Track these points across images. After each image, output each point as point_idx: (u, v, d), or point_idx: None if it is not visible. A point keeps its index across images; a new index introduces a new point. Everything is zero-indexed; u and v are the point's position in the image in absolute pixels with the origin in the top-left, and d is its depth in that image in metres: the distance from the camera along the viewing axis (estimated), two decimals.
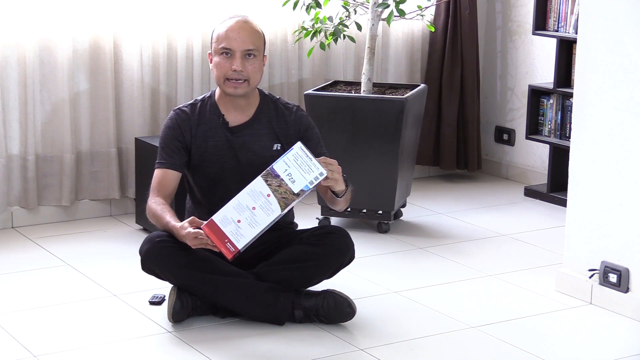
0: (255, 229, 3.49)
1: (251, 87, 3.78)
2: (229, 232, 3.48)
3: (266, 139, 3.83)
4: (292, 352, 3.52)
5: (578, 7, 5.15)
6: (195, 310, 3.75)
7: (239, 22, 3.79)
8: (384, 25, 5.59)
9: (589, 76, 3.94)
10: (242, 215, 3.48)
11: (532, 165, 5.89)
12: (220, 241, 3.48)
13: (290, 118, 3.86)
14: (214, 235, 3.47)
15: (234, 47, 3.74)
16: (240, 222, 3.48)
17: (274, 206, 3.48)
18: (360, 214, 4.91)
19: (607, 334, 3.75)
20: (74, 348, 3.54)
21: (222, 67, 3.75)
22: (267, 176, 3.48)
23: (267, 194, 3.48)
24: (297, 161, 3.46)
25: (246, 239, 3.49)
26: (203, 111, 3.83)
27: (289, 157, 3.47)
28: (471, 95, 5.83)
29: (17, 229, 4.91)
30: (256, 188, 3.48)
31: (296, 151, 3.47)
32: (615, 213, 3.90)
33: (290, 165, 3.47)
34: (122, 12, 4.98)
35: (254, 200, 3.48)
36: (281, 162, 3.48)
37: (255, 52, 3.76)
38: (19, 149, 4.86)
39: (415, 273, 4.38)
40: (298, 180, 3.47)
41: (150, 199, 3.77)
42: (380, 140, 4.79)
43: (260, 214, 3.48)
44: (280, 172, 3.47)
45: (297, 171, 3.46)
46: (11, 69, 4.78)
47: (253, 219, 3.48)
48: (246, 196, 3.48)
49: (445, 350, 3.59)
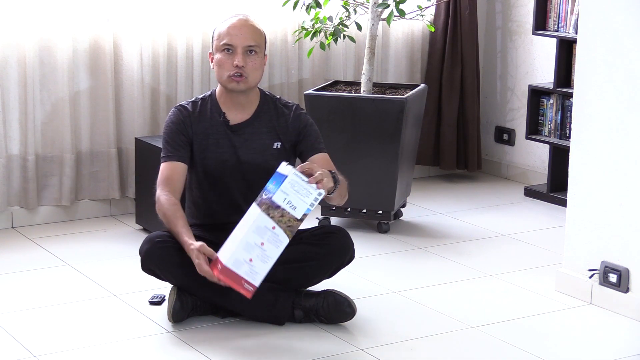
0: (267, 264, 3.48)
1: (251, 83, 3.78)
2: (244, 273, 3.48)
3: (266, 138, 3.83)
4: (292, 352, 3.52)
5: (578, 7, 5.15)
6: (195, 310, 3.75)
7: (240, 20, 3.80)
8: (384, 25, 5.58)
9: (589, 76, 3.94)
10: (253, 253, 3.47)
11: (532, 165, 5.89)
12: (237, 283, 3.48)
13: (290, 116, 3.87)
14: (229, 279, 3.47)
15: (236, 43, 3.74)
16: (252, 260, 3.47)
17: (281, 237, 3.48)
18: (360, 214, 4.91)
19: (607, 334, 3.75)
20: (74, 348, 3.54)
21: (223, 63, 3.76)
22: (269, 209, 3.45)
23: (272, 226, 3.46)
24: (294, 187, 3.44)
25: (261, 275, 3.49)
26: (204, 109, 3.84)
27: (285, 185, 3.44)
28: (471, 95, 5.83)
29: (17, 229, 4.91)
30: (260, 224, 3.46)
31: (291, 178, 3.44)
32: (615, 213, 3.90)
33: (289, 193, 3.45)
34: (122, 12, 4.98)
35: (260, 236, 3.47)
36: (279, 192, 3.44)
37: (256, 49, 3.77)
38: (19, 149, 4.86)
39: (415, 273, 4.38)
40: (299, 206, 3.46)
41: (161, 194, 3.72)
42: (380, 140, 4.79)
43: (270, 247, 3.48)
44: (280, 203, 3.45)
45: (296, 197, 3.45)
46: (11, 69, 4.78)
47: (264, 255, 3.48)
48: (252, 234, 3.46)
49: (445, 350, 3.59)
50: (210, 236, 3.80)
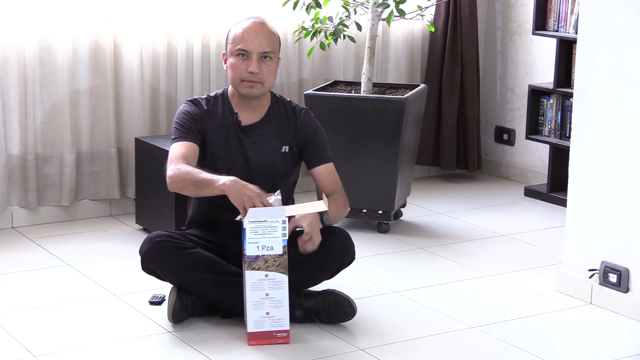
0: (284, 306, 3.52)
1: (266, 89, 3.79)
2: (270, 327, 3.53)
3: (275, 141, 3.84)
4: (292, 352, 3.52)
5: (578, 7, 5.15)
6: (195, 310, 3.75)
7: (255, 24, 3.78)
8: (384, 25, 5.58)
9: (589, 76, 3.94)
10: (265, 307, 3.51)
11: (532, 165, 5.89)
12: (270, 339, 3.53)
13: (298, 121, 3.87)
14: (262, 340, 3.52)
15: (251, 49, 3.74)
16: (269, 313, 3.51)
17: (278, 278, 3.50)
18: (360, 214, 4.91)
19: (607, 334, 3.75)
20: (74, 348, 3.54)
21: (238, 68, 3.75)
22: (251, 264, 3.46)
23: (265, 275, 3.48)
24: (257, 233, 3.44)
25: (285, 318, 3.53)
26: (215, 107, 3.83)
27: (249, 236, 3.43)
28: (471, 95, 5.83)
29: (17, 229, 4.91)
30: (253, 280, 3.48)
31: (249, 227, 3.43)
32: (615, 213, 3.90)
33: (257, 240, 3.45)
34: (122, 12, 4.98)
35: (261, 290, 3.50)
36: (248, 245, 3.44)
37: (271, 55, 3.76)
38: (19, 149, 4.86)
39: (415, 273, 4.38)
40: (274, 244, 3.46)
41: (178, 166, 3.63)
42: (380, 140, 4.79)
43: (275, 292, 3.50)
44: (255, 253, 3.46)
45: (265, 239, 3.45)
46: (11, 69, 4.78)
47: (275, 302, 3.51)
48: (253, 293, 3.49)
49: (445, 350, 3.59)
50: (212, 237, 3.80)
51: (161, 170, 3.74)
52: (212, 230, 3.83)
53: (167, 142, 4.69)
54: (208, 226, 3.85)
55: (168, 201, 4.55)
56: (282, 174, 3.84)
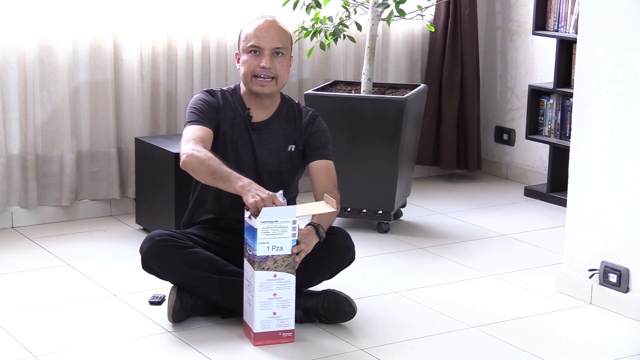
0: (290, 306, 3.53)
1: (278, 86, 3.80)
2: (277, 327, 3.53)
3: (282, 140, 3.84)
4: (292, 351, 3.52)
5: (578, 7, 5.15)
6: (195, 310, 3.75)
7: (267, 22, 3.80)
8: (384, 25, 5.58)
9: (589, 76, 3.94)
10: (272, 307, 3.51)
11: (532, 165, 5.90)
12: (276, 338, 3.54)
13: (303, 122, 3.87)
14: (268, 339, 3.53)
15: (263, 45, 3.75)
16: (275, 313, 3.52)
17: (286, 278, 3.50)
18: (360, 214, 4.91)
19: (607, 334, 3.75)
20: (74, 348, 3.54)
21: (250, 64, 3.76)
22: (260, 265, 3.46)
23: (273, 275, 3.48)
24: (268, 233, 3.45)
25: (290, 318, 3.54)
26: (228, 101, 3.84)
27: (261, 236, 3.43)
28: (471, 95, 5.83)
29: (17, 229, 4.91)
30: (262, 280, 3.48)
31: (261, 227, 3.43)
32: (615, 213, 3.90)
33: (268, 240, 3.45)
34: (122, 12, 4.98)
35: (269, 290, 3.49)
36: (259, 245, 3.44)
37: (283, 51, 3.77)
38: (19, 149, 4.86)
39: (415, 273, 4.38)
40: (284, 244, 3.47)
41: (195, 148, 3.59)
42: (380, 140, 4.79)
43: (283, 292, 3.51)
44: (265, 253, 3.46)
45: (276, 239, 3.46)
46: (11, 69, 4.78)
47: (282, 302, 3.51)
48: (261, 293, 3.49)
49: (445, 350, 3.59)
50: (212, 236, 3.80)
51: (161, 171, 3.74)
52: (212, 229, 3.83)
53: (167, 142, 4.72)
54: (210, 224, 3.85)
55: (168, 201, 4.56)
56: (287, 172, 3.85)
